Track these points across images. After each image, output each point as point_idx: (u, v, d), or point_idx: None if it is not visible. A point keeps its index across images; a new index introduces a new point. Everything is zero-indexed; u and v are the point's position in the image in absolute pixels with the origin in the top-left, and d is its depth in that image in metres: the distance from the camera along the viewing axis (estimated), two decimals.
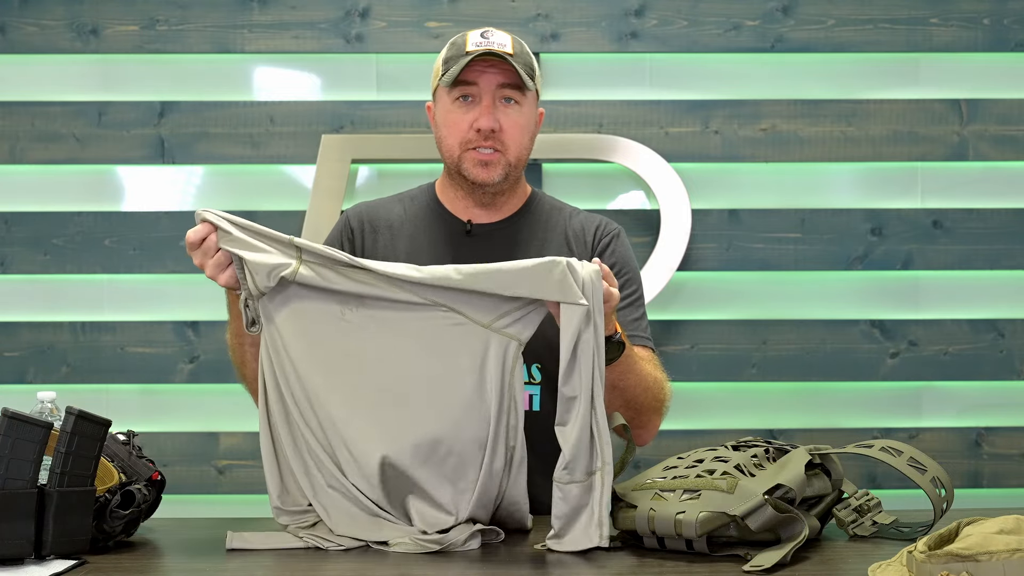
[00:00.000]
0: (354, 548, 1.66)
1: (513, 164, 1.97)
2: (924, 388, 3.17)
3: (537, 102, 2.01)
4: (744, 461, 1.62)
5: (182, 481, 3.04)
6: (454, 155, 1.97)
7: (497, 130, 1.93)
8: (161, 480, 1.79)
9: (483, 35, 1.94)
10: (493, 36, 1.94)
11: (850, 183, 3.19)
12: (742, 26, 3.16)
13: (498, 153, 1.95)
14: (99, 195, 3.19)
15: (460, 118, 1.95)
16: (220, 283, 1.67)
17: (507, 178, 1.98)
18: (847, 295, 3.16)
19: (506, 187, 2.00)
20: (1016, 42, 3.16)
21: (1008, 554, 1.26)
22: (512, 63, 1.91)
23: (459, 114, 1.95)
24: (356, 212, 2.09)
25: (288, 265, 1.65)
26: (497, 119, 1.93)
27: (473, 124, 1.93)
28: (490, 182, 1.96)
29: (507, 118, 1.94)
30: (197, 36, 3.16)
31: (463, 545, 1.63)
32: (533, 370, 1.96)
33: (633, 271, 2.07)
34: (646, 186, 3.12)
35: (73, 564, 1.55)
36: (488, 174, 1.96)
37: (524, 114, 1.96)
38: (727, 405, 3.15)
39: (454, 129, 1.96)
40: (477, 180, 1.96)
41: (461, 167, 1.97)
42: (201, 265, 1.67)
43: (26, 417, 1.55)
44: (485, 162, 1.95)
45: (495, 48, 1.91)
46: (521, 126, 1.96)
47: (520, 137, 1.96)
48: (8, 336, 3.15)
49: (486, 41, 1.93)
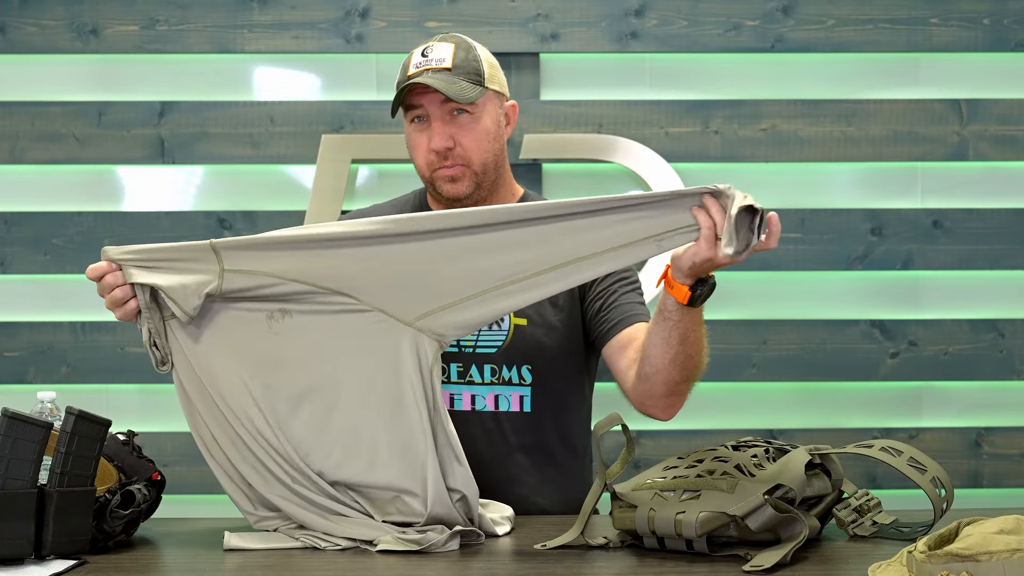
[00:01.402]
0: (350, 548, 1.66)
1: (480, 172, 1.97)
2: (924, 388, 3.16)
3: (500, 98, 2.00)
4: (744, 461, 1.62)
5: (182, 481, 3.03)
6: (424, 176, 1.99)
7: (452, 147, 1.94)
8: (161, 480, 1.79)
9: (423, 53, 1.94)
10: (433, 52, 1.94)
11: (850, 183, 3.19)
12: (742, 26, 3.16)
13: (462, 166, 1.95)
14: (99, 195, 3.18)
15: (419, 140, 1.96)
16: (117, 317, 1.71)
17: (479, 187, 1.98)
18: (847, 295, 3.16)
19: (482, 195, 2.00)
20: (1016, 42, 3.16)
21: (1008, 554, 1.26)
22: (449, 80, 1.90)
23: (417, 136, 1.97)
24: None
25: (210, 281, 1.66)
26: (450, 135, 1.93)
27: (429, 146, 1.94)
28: (461, 195, 1.97)
29: (461, 130, 1.94)
30: (197, 36, 3.16)
31: (443, 546, 1.63)
32: (524, 371, 1.96)
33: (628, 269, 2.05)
34: (646, 186, 3.12)
35: (73, 564, 1.55)
36: (457, 188, 1.96)
37: (480, 119, 1.95)
38: (727, 405, 3.15)
39: (417, 152, 1.98)
40: (449, 195, 1.97)
41: (434, 185, 1.98)
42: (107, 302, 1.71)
43: (26, 417, 1.55)
44: (452, 177, 1.96)
45: (432, 66, 1.91)
46: (477, 133, 1.95)
47: (479, 144, 1.96)
48: (8, 336, 3.15)
49: (425, 60, 1.93)
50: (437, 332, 1.68)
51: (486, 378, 1.96)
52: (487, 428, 1.96)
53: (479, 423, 1.96)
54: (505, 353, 1.96)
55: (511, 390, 1.96)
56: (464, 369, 1.96)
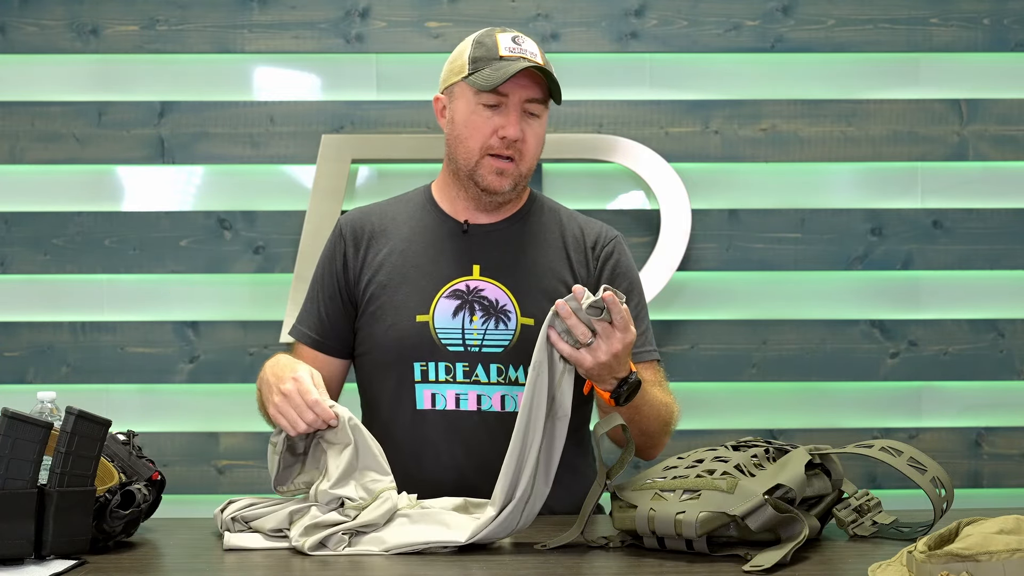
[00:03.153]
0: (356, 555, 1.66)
1: (524, 175, 1.98)
2: (924, 388, 3.17)
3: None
4: (744, 461, 1.62)
5: (182, 481, 3.04)
6: (472, 158, 1.96)
7: (519, 140, 1.94)
8: (161, 480, 1.79)
9: (515, 40, 1.95)
10: (524, 44, 1.95)
11: (850, 183, 3.19)
12: (742, 26, 3.16)
13: (513, 163, 1.95)
14: (99, 195, 3.18)
15: (484, 122, 1.94)
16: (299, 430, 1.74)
17: (516, 188, 1.98)
18: (847, 295, 3.16)
19: (512, 196, 2.00)
20: (1016, 42, 3.16)
21: (1008, 554, 1.26)
22: (544, 78, 1.93)
23: (483, 118, 1.94)
24: (348, 220, 2.09)
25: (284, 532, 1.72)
26: (522, 129, 1.94)
27: (498, 131, 1.93)
28: (502, 191, 1.97)
29: (529, 129, 1.96)
30: (197, 36, 3.16)
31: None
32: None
33: (634, 280, 2.07)
34: (646, 186, 3.12)
35: (73, 564, 1.55)
36: (501, 183, 1.96)
37: (544, 123, 1.99)
38: (727, 405, 3.15)
39: (476, 132, 1.95)
40: (490, 188, 1.97)
41: (476, 171, 1.97)
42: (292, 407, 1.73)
43: (26, 417, 1.55)
44: (501, 171, 1.95)
45: (528, 58, 1.93)
46: (539, 136, 1.98)
47: (536, 147, 1.98)
48: (8, 336, 3.15)
49: (519, 48, 1.94)
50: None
51: (492, 378, 1.95)
52: (493, 428, 1.95)
53: (485, 423, 1.95)
54: (512, 353, 1.95)
55: (518, 390, 1.95)
56: (470, 369, 1.95)
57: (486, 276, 1.98)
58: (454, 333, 1.95)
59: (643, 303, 2.07)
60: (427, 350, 1.95)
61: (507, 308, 1.96)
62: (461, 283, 1.97)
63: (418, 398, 1.95)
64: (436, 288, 1.97)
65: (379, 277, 2.01)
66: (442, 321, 1.95)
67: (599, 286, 1.98)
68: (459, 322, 1.95)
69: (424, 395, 1.95)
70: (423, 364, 1.95)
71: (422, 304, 1.97)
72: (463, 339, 1.95)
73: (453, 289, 1.97)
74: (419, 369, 1.95)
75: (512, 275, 1.98)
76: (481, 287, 1.97)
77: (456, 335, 1.95)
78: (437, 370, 1.95)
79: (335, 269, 2.05)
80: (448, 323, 1.95)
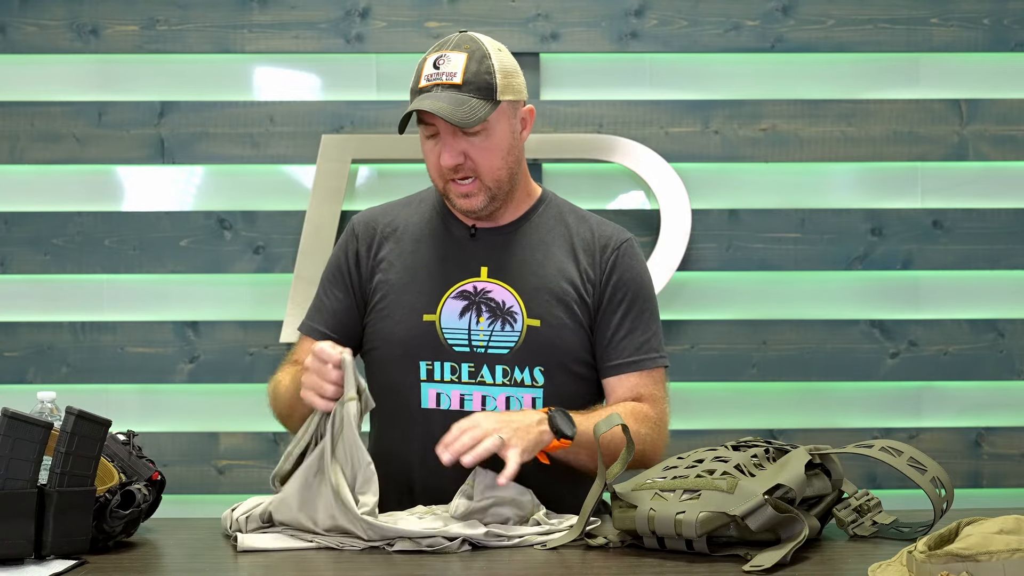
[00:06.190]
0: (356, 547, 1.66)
1: (494, 187, 1.94)
2: (924, 388, 3.16)
3: (514, 106, 1.96)
4: (744, 461, 1.62)
5: (182, 481, 3.04)
6: (438, 187, 1.98)
7: (463, 162, 1.91)
8: (161, 480, 1.79)
9: (436, 64, 1.90)
10: (445, 64, 1.90)
11: (850, 183, 3.19)
12: (742, 26, 3.16)
13: (475, 181, 1.93)
14: (99, 195, 3.18)
15: (430, 152, 1.94)
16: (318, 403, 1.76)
17: (493, 199, 1.96)
18: (847, 295, 3.16)
19: (496, 206, 1.98)
20: (1016, 42, 3.16)
21: (1008, 554, 1.26)
22: (457, 101, 1.87)
23: (429, 147, 1.94)
24: (361, 219, 2.09)
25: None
26: (461, 152, 1.90)
27: (439, 161, 1.92)
28: (476, 209, 1.95)
29: (472, 147, 1.91)
30: (197, 36, 3.16)
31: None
32: (536, 373, 1.95)
33: (639, 288, 2.03)
34: (646, 186, 3.12)
35: (73, 564, 1.55)
36: (471, 203, 1.94)
37: (492, 136, 1.92)
38: (727, 405, 3.15)
39: (429, 163, 1.96)
40: (463, 209, 1.96)
41: (448, 197, 1.97)
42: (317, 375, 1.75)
43: (26, 417, 1.55)
44: (465, 193, 1.94)
45: (443, 80, 1.88)
46: (489, 150, 1.92)
47: (491, 162, 1.92)
48: (8, 336, 3.15)
49: (436, 73, 1.89)
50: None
51: (498, 379, 1.95)
52: None
53: None
54: (518, 354, 1.95)
55: (523, 391, 1.94)
56: (475, 370, 1.95)
57: (493, 278, 1.98)
58: (460, 334, 1.95)
59: (649, 308, 2.03)
60: (433, 349, 1.95)
61: (513, 310, 1.95)
62: (468, 284, 1.97)
63: (423, 397, 1.95)
64: (444, 289, 1.97)
65: (388, 276, 2.01)
66: (449, 321, 1.95)
67: (605, 292, 1.99)
68: (466, 323, 1.95)
69: (429, 394, 1.95)
70: (429, 363, 1.95)
71: (429, 304, 1.97)
72: (469, 340, 1.95)
73: (460, 290, 1.97)
74: (424, 368, 1.95)
75: (519, 277, 1.97)
76: (488, 288, 1.97)
77: (462, 336, 1.95)
78: (442, 370, 1.95)
79: (347, 266, 2.05)
80: (455, 323, 1.95)
